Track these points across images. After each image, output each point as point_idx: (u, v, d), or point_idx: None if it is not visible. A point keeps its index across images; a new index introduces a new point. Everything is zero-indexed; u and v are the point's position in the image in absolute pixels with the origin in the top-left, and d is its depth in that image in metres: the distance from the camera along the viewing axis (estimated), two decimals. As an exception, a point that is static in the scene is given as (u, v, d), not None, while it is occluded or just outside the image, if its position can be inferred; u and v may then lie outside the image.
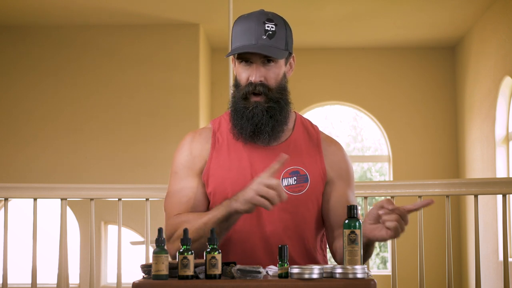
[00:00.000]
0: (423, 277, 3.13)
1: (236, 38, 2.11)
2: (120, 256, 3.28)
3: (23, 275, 5.04)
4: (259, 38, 2.07)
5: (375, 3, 6.40)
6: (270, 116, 2.10)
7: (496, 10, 6.32)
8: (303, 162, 2.14)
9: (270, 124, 2.10)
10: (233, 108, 2.14)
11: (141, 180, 6.61)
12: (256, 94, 2.10)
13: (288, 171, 2.11)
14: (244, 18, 2.12)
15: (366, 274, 1.75)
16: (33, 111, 6.90)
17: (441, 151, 7.64)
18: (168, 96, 6.88)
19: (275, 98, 2.11)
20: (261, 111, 2.09)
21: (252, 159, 2.13)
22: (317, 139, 2.20)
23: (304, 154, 2.16)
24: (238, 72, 2.14)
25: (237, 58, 2.13)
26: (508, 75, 6.04)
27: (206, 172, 2.13)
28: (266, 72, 2.10)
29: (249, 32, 2.08)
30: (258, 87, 2.09)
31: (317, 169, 2.14)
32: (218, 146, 2.16)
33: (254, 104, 2.10)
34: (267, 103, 2.10)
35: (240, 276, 1.76)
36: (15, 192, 3.31)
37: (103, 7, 6.47)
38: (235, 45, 2.11)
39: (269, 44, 2.08)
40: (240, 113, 2.11)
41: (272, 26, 2.09)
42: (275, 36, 2.09)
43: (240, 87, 2.12)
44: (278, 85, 2.13)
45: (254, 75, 2.09)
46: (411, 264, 6.32)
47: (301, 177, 2.11)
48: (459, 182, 3.20)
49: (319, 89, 7.77)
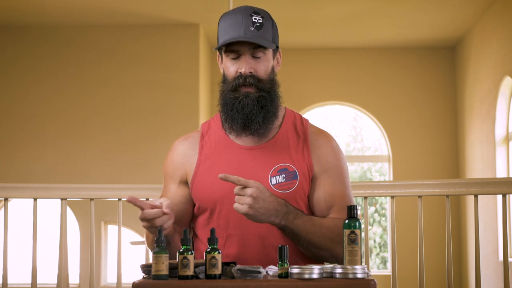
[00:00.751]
0: (423, 277, 3.13)
1: (223, 32, 2.10)
2: (120, 256, 3.28)
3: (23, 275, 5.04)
4: (247, 30, 2.06)
5: (375, 3, 6.40)
6: (261, 106, 2.09)
7: (496, 10, 6.32)
8: (291, 158, 2.11)
9: (261, 114, 2.09)
10: (223, 102, 2.12)
11: (141, 180, 6.61)
12: (246, 86, 2.08)
13: (276, 169, 2.09)
14: (230, 13, 2.11)
15: (366, 274, 1.75)
16: (33, 111, 6.90)
17: (441, 151, 7.64)
18: (168, 96, 6.88)
19: (265, 89, 2.10)
20: (251, 101, 2.08)
21: (240, 160, 2.12)
22: (304, 134, 2.17)
23: (292, 151, 2.13)
24: (226, 67, 2.12)
25: (224, 51, 2.11)
26: (508, 75, 6.04)
27: (194, 176, 2.14)
28: (255, 64, 2.09)
29: (237, 25, 2.07)
30: (248, 79, 2.08)
31: (304, 164, 2.12)
32: (206, 149, 2.16)
33: (244, 94, 2.08)
34: (258, 93, 2.09)
35: (240, 276, 1.76)
36: (15, 192, 3.31)
37: (103, 7, 6.47)
38: (223, 38, 2.09)
39: (258, 35, 2.07)
40: (230, 105, 2.10)
41: (259, 18, 2.09)
42: (262, 27, 2.08)
43: (229, 80, 2.11)
44: (268, 77, 2.11)
45: (244, 66, 2.08)
46: (411, 264, 6.32)
47: (290, 174, 2.09)
48: (459, 182, 3.19)
49: (319, 89, 7.77)
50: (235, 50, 2.09)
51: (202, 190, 2.12)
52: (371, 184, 3.32)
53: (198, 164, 2.14)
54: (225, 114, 2.12)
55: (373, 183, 3.34)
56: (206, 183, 2.11)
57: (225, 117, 2.12)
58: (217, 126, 2.19)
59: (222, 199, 2.08)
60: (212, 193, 2.10)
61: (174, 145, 2.22)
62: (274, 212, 1.96)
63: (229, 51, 2.10)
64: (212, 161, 2.13)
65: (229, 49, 2.10)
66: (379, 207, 8.24)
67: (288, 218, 1.99)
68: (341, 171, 2.15)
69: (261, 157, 2.10)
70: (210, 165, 2.13)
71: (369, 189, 3.19)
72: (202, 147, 2.16)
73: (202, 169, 2.13)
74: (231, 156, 2.12)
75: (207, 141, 2.17)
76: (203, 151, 2.16)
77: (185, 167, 2.16)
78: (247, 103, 2.08)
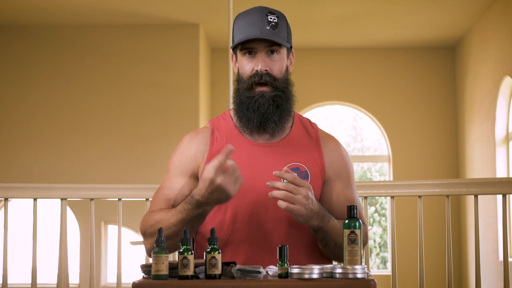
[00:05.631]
0: (423, 277, 3.13)
1: (239, 31, 2.13)
2: (120, 256, 3.28)
3: (23, 275, 5.04)
4: (263, 28, 2.09)
5: (375, 3, 6.40)
6: (277, 106, 2.11)
7: (496, 10, 6.32)
8: (303, 158, 2.14)
9: (277, 113, 2.11)
10: (238, 101, 2.14)
11: (141, 180, 6.61)
12: (261, 84, 2.11)
13: (289, 168, 2.10)
14: (245, 13, 2.14)
15: (366, 274, 1.75)
16: (33, 111, 6.90)
17: (441, 151, 7.64)
18: (168, 96, 6.87)
19: (280, 87, 2.13)
20: (267, 101, 2.10)
21: (252, 157, 2.13)
22: (316, 136, 2.20)
23: (304, 151, 2.16)
24: (241, 65, 2.14)
25: (240, 50, 2.14)
26: (508, 75, 6.04)
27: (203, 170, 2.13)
28: (270, 63, 2.12)
29: (252, 24, 2.10)
30: (264, 77, 2.10)
31: (316, 166, 2.15)
32: (217, 145, 2.16)
33: (259, 94, 2.10)
34: (273, 92, 2.11)
35: (240, 276, 1.76)
36: (15, 192, 3.31)
37: (103, 7, 6.47)
38: (239, 37, 2.12)
39: (274, 34, 2.10)
40: (246, 104, 2.11)
41: (274, 18, 2.12)
42: (278, 27, 2.11)
43: (244, 79, 2.13)
44: (282, 76, 2.14)
45: (259, 64, 2.10)
46: (411, 264, 6.33)
47: (302, 174, 2.11)
48: (459, 182, 3.19)
49: (319, 89, 7.77)
50: (251, 48, 2.11)
51: None
52: (371, 184, 3.32)
53: (209, 158, 2.14)
54: (241, 113, 2.13)
55: (373, 183, 3.34)
56: None
57: (241, 116, 2.14)
58: (227, 123, 2.20)
59: None
60: None
61: (186, 139, 2.21)
62: (316, 215, 2.00)
63: (245, 49, 2.12)
64: None
65: (245, 47, 2.12)
66: (379, 207, 8.24)
67: (324, 220, 2.03)
68: (351, 176, 2.21)
69: (273, 155, 2.12)
70: None
71: (369, 189, 3.19)
72: (212, 142, 2.17)
73: None
74: (242, 152, 2.13)
75: (217, 136, 2.18)
76: (214, 146, 2.16)
77: (198, 162, 2.16)
78: (263, 103, 2.10)
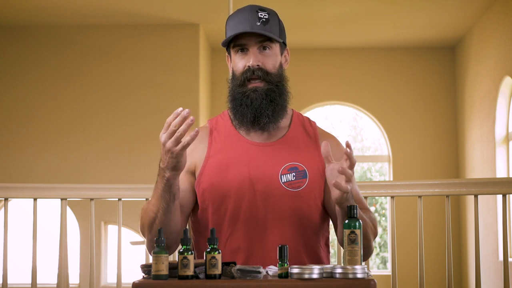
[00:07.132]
0: (423, 277, 3.13)
1: (230, 29, 2.13)
2: (120, 256, 3.28)
3: (23, 275, 5.04)
4: (254, 24, 2.10)
5: (375, 3, 6.40)
6: (270, 100, 2.11)
7: (496, 10, 6.32)
8: (301, 158, 2.13)
9: (271, 108, 2.11)
10: (231, 98, 2.15)
11: (141, 180, 6.60)
12: (254, 80, 2.11)
13: (287, 168, 2.10)
14: (236, 12, 2.15)
15: (366, 274, 1.75)
16: (33, 111, 6.90)
17: (441, 151, 7.64)
18: (168, 96, 6.87)
19: (274, 82, 2.13)
20: (260, 95, 2.10)
21: (250, 155, 2.12)
22: (314, 135, 2.20)
23: (302, 150, 2.15)
24: (234, 63, 2.15)
25: (232, 47, 2.14)
26: (508, 75, 6.04)
27: (202, 169, 2.13)
28: (263, 58, 2.12)
29: (243, 21, 2.10)
30: (256, 72, 2.11)
31: (316, 165, 2.14)
32: (216, 144, 2.16)
33: (252, 89, 2.10)
34: (266, 87, 2.11)
35: (240, 276, 1.76)
36: (15, 192, 3.31)
37: (103, 7, 6.47)
38: (230, 34, 2.13)
39: (264, 29, 2.10)
40: (239, 100, 2.12)
41: (265, 15, 2.12)
42: (269, 23, 2.11)
43: (237, 76, 2.14)
44: (276, 71, 2.14)
45: (251, 59, 2.11)
46: (411, 264, 6.32)
47: (300, 173, 2.11)
48: (459, 182, 3.20)
49: (319, 89, 7.77)
50: (243, 45, 2.12)
51: (211, 183, 2.11)
52: (371, 184, 3.32)
53: (207, 157, 2.14)
54: (234, 110, 2.14)
55: (373, 183, 3.34)
56: (215, 177, 2.11)
57: (235, 112, 2.14)
58: (226, 122, 2.20)
59: (230, 193, 2.09)
60: (221, 187, 2.09)
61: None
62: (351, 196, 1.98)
63: (237, 46, 2.13)
64: (222, 155, 2.13)
65: (237, 44, 2.13)
66: (379, 207, 8.24)
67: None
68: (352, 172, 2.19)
69: (271, 154, 2.12)
70: (220, 159, 2.13)
71: (369, 189, 3.19)
72: (211, 141, 2.17)
73: (212, 162, 2.13)
74: (241, 151, 2.13)
75: (216, 136, 2.18)
76: (213, 145, 2.16)
77: (195, 158, 2.16)
78: (256, 98, 2.10)
